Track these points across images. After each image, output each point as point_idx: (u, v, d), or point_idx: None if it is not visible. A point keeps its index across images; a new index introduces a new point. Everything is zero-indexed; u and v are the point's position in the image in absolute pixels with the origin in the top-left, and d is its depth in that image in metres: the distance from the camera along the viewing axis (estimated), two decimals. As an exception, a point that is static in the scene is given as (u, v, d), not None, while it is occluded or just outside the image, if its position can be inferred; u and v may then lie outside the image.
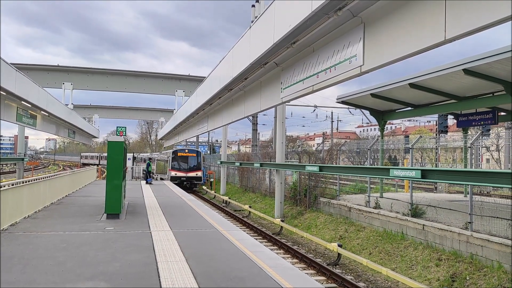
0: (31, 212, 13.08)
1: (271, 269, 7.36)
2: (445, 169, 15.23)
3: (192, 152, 40.33)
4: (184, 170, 38.33)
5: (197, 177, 38.74)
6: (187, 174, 38.27)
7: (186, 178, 37.90)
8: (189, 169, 38.58)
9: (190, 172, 38.45)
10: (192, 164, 39.08)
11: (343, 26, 9.19)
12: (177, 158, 38.84)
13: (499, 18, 5.43)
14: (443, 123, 22.33)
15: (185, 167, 38.67)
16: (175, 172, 37.93)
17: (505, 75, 12.55)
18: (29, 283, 6.31)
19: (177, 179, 36.93)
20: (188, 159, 39.11)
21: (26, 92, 22.81)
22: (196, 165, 39.23)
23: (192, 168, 38.92)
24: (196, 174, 38.61)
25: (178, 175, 37.74)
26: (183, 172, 38.15)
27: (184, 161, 38.92)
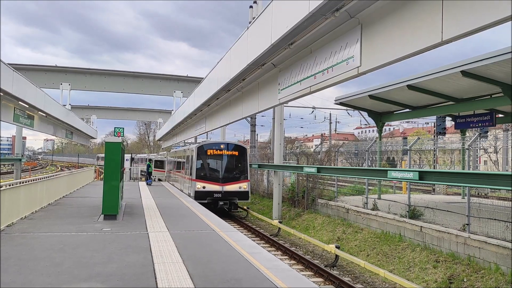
0: (28, 213, 13.04)
1: (269, 270, 7.35)
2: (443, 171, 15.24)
3: (233, 148, 24.15)
4: (218, 179, 22.98)
5: (241, 193, 23.04)
6: (224, 186, 22.70)
7: (223, 195, 22.55)
8: (228, 179, 23.14)
9: (229, 183, 22.93)
10: (233, 170, 23.75)
11: (340, 27, 9.19)
12: (206, 159, 23.63)
13: (497, 19, 5.43)
14: (441, 124, 22.35)
15: (220, 174, 23.33)
16: (202, 184, 22.48)
17: (503, 77, 12.57)
18: (26, 284, 6.28)
19: (207, 196, 22.15)
20: (226, 160, 23.74)
21: (23, 92, 22.76)
22: (240, 172, 23.67)
23: (233, 176, 23.46)
24: (240, 187, 23.01)
25: (209, 188, 22.48)
26: (217, 184, 22.70)
27: (220, 163, 23.67)
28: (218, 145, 23.63)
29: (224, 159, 23.46)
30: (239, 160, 23.74)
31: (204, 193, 22.13)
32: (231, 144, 24.73)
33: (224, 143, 24.33)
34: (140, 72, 43.17)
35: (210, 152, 23.27)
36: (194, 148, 23.77)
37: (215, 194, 22.21)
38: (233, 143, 25.11)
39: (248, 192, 23.15)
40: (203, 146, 23.59)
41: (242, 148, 24.43)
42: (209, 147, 23.45)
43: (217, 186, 22.46)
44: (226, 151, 23.54)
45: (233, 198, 22.67)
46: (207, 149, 23.33)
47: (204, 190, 22.20)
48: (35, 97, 25.69)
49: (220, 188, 22.45)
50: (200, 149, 23.34)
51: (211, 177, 22.92)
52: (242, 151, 24.00)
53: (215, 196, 22.15)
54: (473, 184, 12.02)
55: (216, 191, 22.30)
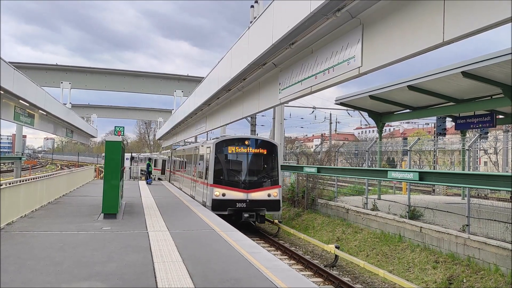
0: (28, 211, 13.04)
1: (268, 270, 7.35)
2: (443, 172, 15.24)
3: (261, 145, 19.03)
4: (242, 185, 18.02)
5: (271, 202, 18.19)
6: (249, 194, 17.87)
7: (248, 204, 17.74)
8: (254, 184, 18.24)
9: (256, 189, 18.10)
10: (261, 173, 18.74)
11: (341, 28, 9.18)
12: (226, 158, 18.76)
13: (498, 20, 5.42)
14: (441, 125, 22.35)
15: (244, 178, 18.27)
16: (221, 191, 17.70)
17: (504, 78, 12.57)
18: (25, 283, 6.28)
19: (227, 206, 17.50)
20: (251, 160, 18.82)
21: (24, 91, 22.75)
22: (269, 175, 18.70)
23: (261, 180, 18.52)
24: (269, 194, 18.18)
25: (230, 196, 17.69)
26: (240, 190, 17.88)
27: (244, 164, 18.72)
28: (242, 141, 18.51)
29: (249, 159, 18.56)
30: (268, 160, 18.72)
31: (224, 202, 17.33)
32: (258, 139, 19.61)
33: (250, 138, 19.27)
34: (141, 71, 43.15)
35: (232, 150, 18.39)
36: (211, 144, 18.53)
37: (238, 203, 17.40)
38: (260, 139, 20.09)
39: (279, 201, 18.27)
40: (222, 142, 18.50)
41: (272, 145, 19.13)
42: (231, 143, 18.50)
43: (240, 194, 17.57)
44: (251, 149, 18.47)
45: (260, 209, 17.77)
46: (228, 146, 18.39)
47: (224, 199, 17.35)
48: (35, 96, 25.68)
49: (244, 196, 17.57)
50: (219, 146, 18.27)
51: (232, 181, 17.92)
52: (271, 149, 18.85)
53: (238, 206, 17.39)
54: (473, 185, 12.03)
55: (239, 200, 17.44)
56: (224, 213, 16.88)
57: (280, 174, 19.11)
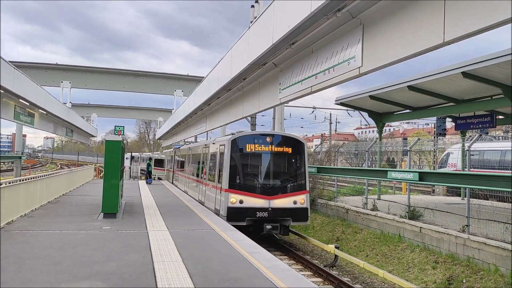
0: (28, 210, 13.05)
1: (268, 270, 7.35)
2: (443, 172, 15.26)
3: (285, 142, 16.20)
4: (263, 190, 15.22)
5: (297, 210, 15.41)
6: (271, 201, 15.08)
7: (270, 214, 14.97)
8: (277, 189, 15.47)
9: (279, 195, 15.32)
10: (285, 176, 15.97)
11: (342, 28, 9.18)
12: (244, 159, 15.94)
13: (499, 20, 5.42)
14: (441, 125, 22.37)
15: (266, 182, 15.53)
16: (238, 197, 14.97)
17: (504, 78, 12.57)
18: (25, 282, 6.28)
19: (246, 215, 14.78)
20: (274, 160, 16.02)
21: (24, 90, 22.75)
22: (294, 178, 15.94)
23: (285, 184, 15.69)
24: (295, 201, 15.40)
25: (249, 204, 14.97)
26: (261, 197, 15.09)
27: (265, 166, 15.97)
28: (263, 138, 15.64)
29: (272, 159, 15.63)
30: (294, 160, 15.90)
31: (242, 211, 14.56)
32: (282, 135, 16.60)
33: (272, 134, 16.35)
34: (141, 70, 43.18)
35: (251, 148, 15.44)
36: (225, 141, 15.72)
37: (259, 212, 14.57)
38: (285, 135, 16.91)
39: (307, 209, 15.31)
40: (239, 138, 15.71)
41: (298, 142, 16.17)
42: (249, 141, 15.60)
43: (261, 201, 14.70)
44: (274, 147, 15.56)
45: (285, 219, 14.96)
46: (246, 144, 15.50)
47: (242, 207, 14.60)
48: (35, 95, 25.68)
49: (265, 203, 14.67)
50: (236, 144, 15.52)
51: (251, 186, 15.05)
52: (298, 147, 15.91)
53: (259, 216, 14.54)
54: (473, 185, 12.04)
55: (260, 208, 14.60)
56: (242, 223, 14.25)
57: (308, 177, 16.05)
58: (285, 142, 15.96)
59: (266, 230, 14.57)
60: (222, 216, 14.52)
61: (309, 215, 15.56)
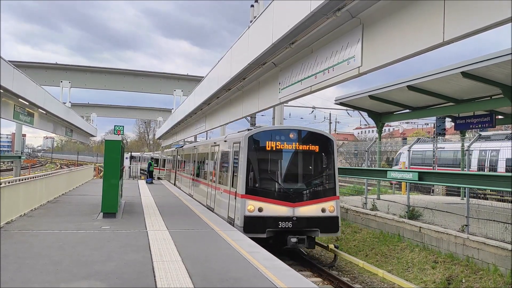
0: (27, 210, 13.04)
1: (267, 270, 7.35)
2: (442, 172, 15.26)
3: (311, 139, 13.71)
4: (286, 196, 12.88)
5: (326, 220, 13.09)
6: (296, 208, 12.76)
7: (295, 224, 12.67)
8: (303, 195, 13.22)
9: (305, 202, 13.01)
10: (312, 179, 13.73)
11: (341, 27, 9.17)
12: (264, 158, 13.59)
13: (498, 20, 5.42)
14: (441, 125, 22.37)
15: (289, 186, 13.24)
16: (257, 204, 12.65)
17: (503, 78, 12.58)
18: (24, 282, 6.28)
19: (266, 225, 12.54)
20: (299, 160, 13.67)
21: (23, 89, 22.75)
22: (322, 181, 13.81)
23: (312, 189, 13.44)
24: (323, 209, 13.08)
25: (270, 212, 12.68)
26: (284, 204, 12.76)
27: (288, 167, 13.77)
28: (285, 134, 13.32)
29: (296, 159, 13.42)
30: (322, 160, 13.74)
31: (262, 221, 12.39)
32: (308, 131, 13.81)
33: (295, 129, 13.64)
34: (141, 70, 43.18)
35: (271, 146, 13.11)
36: (241, 138, 13.41)
37: (282, 222, 12.37)
38: (311, 130, 13.99)
39: (337, 218, 13.11)
40: (258, 135, 13.40)
41: (327, 139, 13.87)
42: (269, 137, 13.29)
43: (284, 208, 12.53)
44: (299, 144, 13.25)
45: (312, 230, 12.79)
46: (266, 141, 13.18)
47: (262, 216, 12.42)
48: (35, 95, 25.67)
49: (289, 211, 12.53)
50: (253, 141, 13.24)
51: (272, 191, 12.87)
52: (326, 145, 13.67)
53: (282, 227, 12.35)
54: (472, 185, 12.05)
55: (282, 218, 12.44)
56: (262, 235, 12.14)
57: (337, 180, 13.68)
58: (311, 138, 13.55)
59: (291, 244, 12.39)
60: (238, 227, 12.41)
61: (340, 225, 13.31)
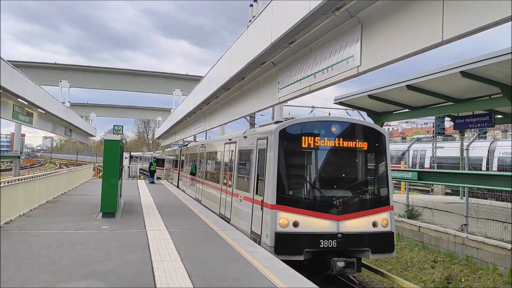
0: (27, 210, 13.03)
1: (267, 269, 7.35)
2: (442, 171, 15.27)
3: (359, 134, 10.71)
4: (328, 206, 9.95)
5: (378, 237, 10.12)
6: (341, 223, 9.80)
7: (340, 243, 9.69)
8: (348, 205, 10.23)
9: (351, 214, 9.99)
10: (360, 185, 10.65)
11: (340, 27, 9.17)
12: (299, 158, 10.59)
13: (498, 19, 5.42)
14: (440, 125, 22.37)
15: (331, 193, 10.20)
16: (292, 218, 9.73)
17: (503, 77, 12.58)
18: (23, 282, 6.28)
19: (305, 245, 9.63)
20: (343, 160, 10.70)
21: (22, 89, 22.73)
22: (371, 187, 10.92)
23: (360, 198, 10.53)
24: (375, 223, 10.11)
25: (308, 228, 9.71)
26: (325, 217, 9.80)
27: (330, 169, 10.71)
28: (327, 128, 10.46)
29: (340, 159, 10.67)
30: (372, 161, 10.93)
31: (298, 238, 9.70)
32: (353, 123, 11.00)
33: (338, 121, 10.79)
34: (140, 70, 43.23)
35: (308, 143, 10.24)
36: (270, 133, 10.56)
37: (324, 240, 9.67)
38: (358, 123, 11.18)
39: (392, 234, 10.32)
40: (291, 128, 10.48)
41: (377, 133, 10.98)
42: (307, 132, 10.37)
43: (326, 223, 9.80)
44: (343, 141, 10.41)
45: (361, 250, 10.10)
46: (302, 137, 10.29)
47: (298, 232, 9.70)
48: (34, 94, 25.66)
49: (333, 226, 9.80)
50: (286, 136, 10.33)
51: (311, 200, 10.23)
52: (376, 141, 10.83)
53: (324, 246, 9.66)
54: (472, 184, 12.06)
55: (325, 234, 9.71)
56: (298, 258, 9.51)
57: (391, 186, 10.91)
58: (358, 133, 10.68)
59: (338, 269, 9.50)
60: (266, 245, 9.66)
61: (395, 243, 10.31)
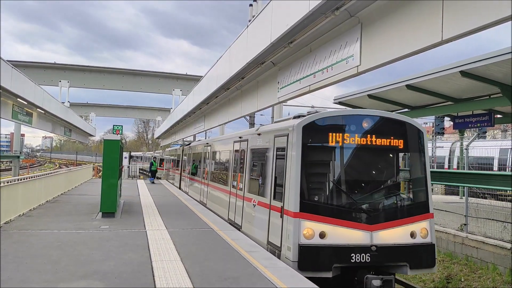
0: (26, 210, 13.02)
1: (267, 269, 7.33)
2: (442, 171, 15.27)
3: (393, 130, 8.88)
4: (358, 214, 8.33)
5: (417, 249, 8.42)
6: (374, 233, 8.15)
7: (373, 257, 8.01)
8: (382, 212, 8.50)
9: (386, 223, 8.34)
10: (392, 188, 9.06)
11: (340, 26, 9.17)
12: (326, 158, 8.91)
13: (497, 18, 5.42)
14: (439, 124, 22.37)
15: (362, 198, 8.58)
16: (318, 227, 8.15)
17: (502, 77, 12.57)
18: (23, 281, 6.26)
19: (333, 259, 8.04)
20: (375, 160, 9.17)
21: (22, 89, 22.74)
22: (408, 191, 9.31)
23: (394, 204, 8.86)
24: (412, 233, 8.46)
25: (337, 239, 8.12)
26: (356, 226, 8.19)
27: (361, 170, 9.13)
28: (357, 122, 8.81)
29: (372, 159, 9.25)
30: (408, 161, 9.60)
31: (325, 251, 8.21)
32: (388, 119, 9.22)
33: (370, 115, 8.97)
34: (140, 70, 43.25)
35: (336, 140, 8.65)
36: (292, 129, 8.82)
37: (355, 254, 8.17)
38: (392, 117, 9.38)
39: (433, 246, 8.69)
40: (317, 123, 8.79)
41: (415, 130, 9.28)
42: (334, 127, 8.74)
43: (358, 233, 8.30)
44: (376, 138, 8.77)
45: (397, 265, 8.54)
46: (329, 133, 8.64)
47: (325, 245, 8.21)
48: (33, 94, 25.66)
49: (366, 237, 8.28)
50: (309, 132, 8.69)
51: (340, 207, 8.68)
52: (413, 138, 9.24)
53: (355, 261, 8.15)
54: (472, 184, 12.06)
55: (356, 247, 8.19)
56: (326, 274, 8.08)
57: (430, 190, 9.16)
58: (394, 128, 9.00)
59: None
60: (288, 260, 8.20)
61: (435, 256, 8.77)
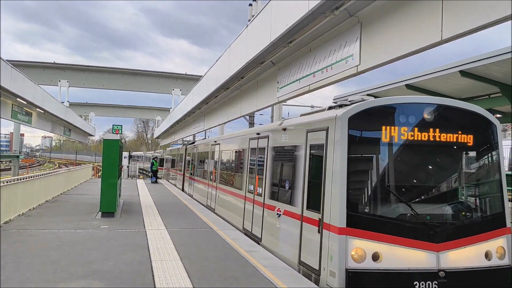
0: (26, 209, 13.02)
1: (266, 269, 7.34)
2: None
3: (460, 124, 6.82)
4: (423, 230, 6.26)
5: (492, 274, 6.43)
6: (443, 254, 6.16)
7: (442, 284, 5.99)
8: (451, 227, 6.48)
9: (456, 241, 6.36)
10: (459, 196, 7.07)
11: (339, 26, 9.17)
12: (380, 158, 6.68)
13: (497, 18, 5.42)
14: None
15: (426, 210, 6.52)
16: (372, 246, 6.13)
17: (502, 77, 12.57)
18: (22, 281, 6.27)
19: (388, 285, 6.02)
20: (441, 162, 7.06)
21: (21, 89, 22.73)
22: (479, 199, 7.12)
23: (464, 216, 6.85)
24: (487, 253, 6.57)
25: (396, 262, 6.09)
26: (419, 245, 6.16)
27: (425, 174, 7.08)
28: (416, 112, 6.66)
29: (436, 160, 7.16)
30: (479, 162, 7.42)
31: (381, 278, 6.17)
32: (454, 108, 7.02)
33: (432, 104, 6.84)
34: (139, 69, 43.29)
35: (391, 135, 6.55)
36: (332, 120, 6.86)
37: (418, 283, 6.05)
38: (458, 106, 7.07)
39: (510, 270, 6.70)
40: (365, 114, 6.63)
41: (485, 122, 7.23)
42: (387, 118, 6.64)
43: (421, 255, 6.21)
44: (439, 132, 6.64)
45: None
46: (383, 126, 6.55)
47: (379, 270, 6.14)
48: (33, 94, 25.65)
49: (431, 260, 6.21)
50: (359, 125, 6.62)
51: (398, 222, 6.43)
52: (484, 133, 7.21)
53: None
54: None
55: (420, 273, 6.12)
56: None
57: (506, 198, 7.30)
58: (461, 121, 7.11)
59: None
60: (327, 285, 6.68)
61: None
